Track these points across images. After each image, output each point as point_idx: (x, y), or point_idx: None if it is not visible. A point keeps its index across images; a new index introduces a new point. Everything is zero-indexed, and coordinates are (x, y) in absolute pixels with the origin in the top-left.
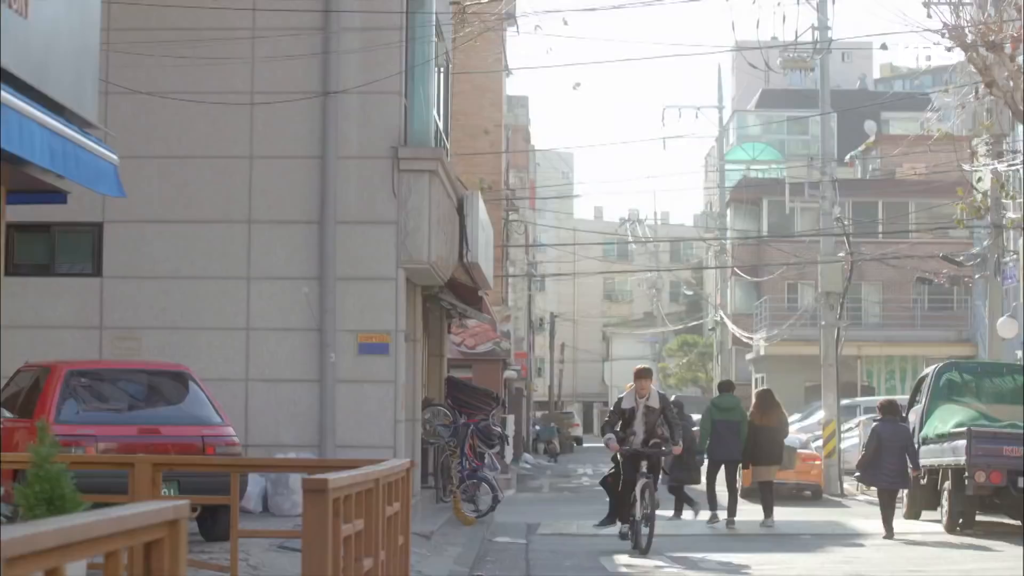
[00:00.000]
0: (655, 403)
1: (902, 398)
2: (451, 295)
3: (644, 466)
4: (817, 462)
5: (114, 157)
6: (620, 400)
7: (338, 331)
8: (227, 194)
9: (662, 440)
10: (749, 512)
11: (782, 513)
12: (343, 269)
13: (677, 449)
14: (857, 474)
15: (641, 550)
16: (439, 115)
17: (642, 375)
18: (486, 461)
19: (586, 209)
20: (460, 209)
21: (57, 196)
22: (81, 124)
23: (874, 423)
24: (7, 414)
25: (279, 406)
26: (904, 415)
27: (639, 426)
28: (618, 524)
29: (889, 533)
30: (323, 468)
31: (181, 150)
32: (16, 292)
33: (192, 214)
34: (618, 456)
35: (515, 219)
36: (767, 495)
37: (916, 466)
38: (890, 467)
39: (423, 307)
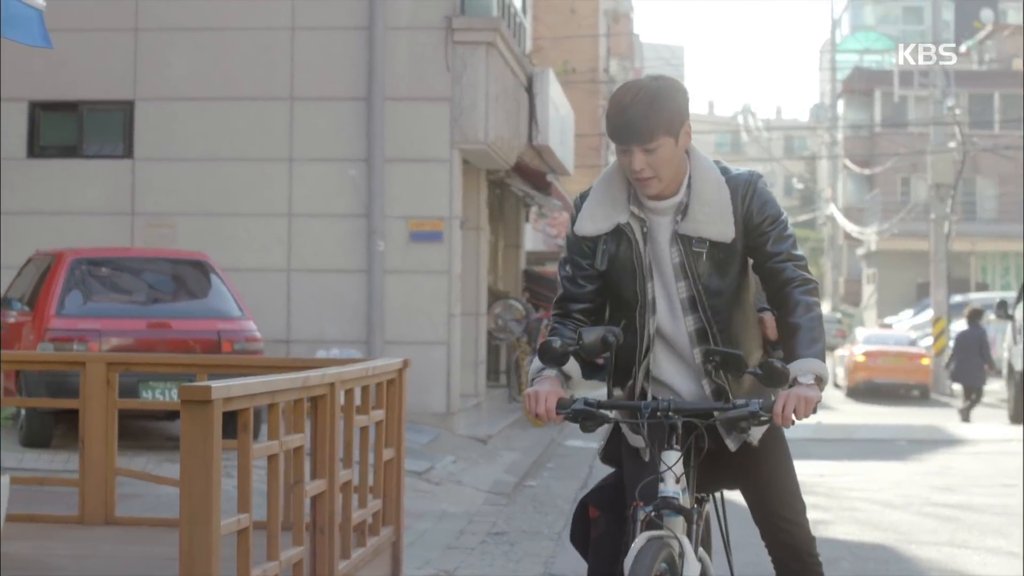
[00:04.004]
0: (719, 228)
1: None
2: (520, 180)
3: (672, 470)
4: (925, 361)
5: (39, 1)
6: (576, 216)
7: (387, 217)
8: (267, 69)
9: (770, 373)
10: (854, 414)
11: (884, 414)
12: (392, 150)
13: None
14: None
15: None
16: None
17: (634, 98)
18: None
19: (698, 104)
20: (529, 88)
21: None
22: None
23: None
24: (19, 306)
25: (323, 298)
26: (1009, 312)
27: (667, 317)
28: None
29: (963, 418)
30: (295, 368)
31: (216, 21)
32: (42, 176)
33: (230, 91)
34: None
35: None
36: None
37: (990, 364)
38: (965, 367)
39: (491, 193)
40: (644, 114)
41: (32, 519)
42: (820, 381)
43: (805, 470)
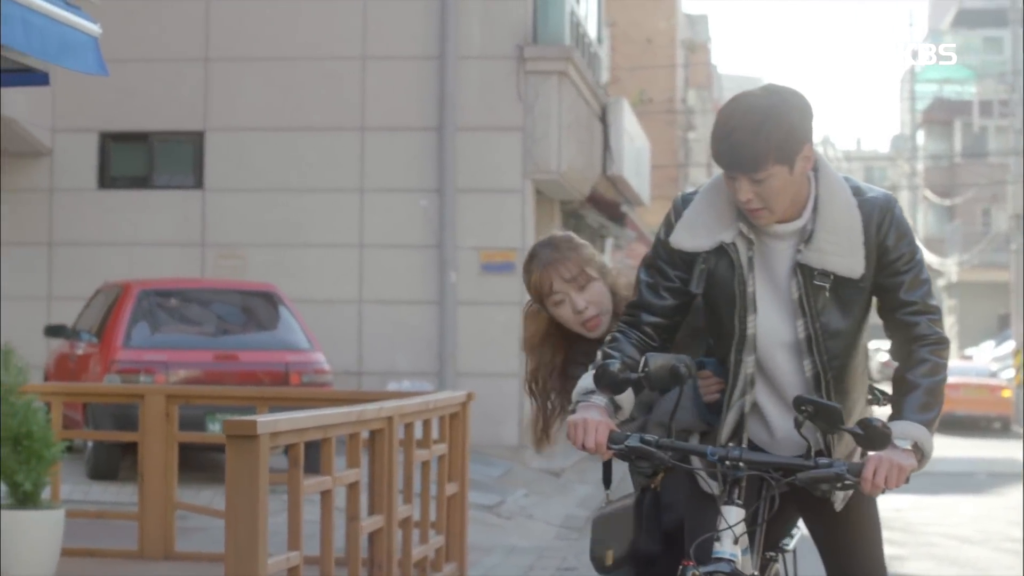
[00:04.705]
0: (847, 262)
1: None
2: (595, 211)
3: (733, 529)
4: (1006, 393)
5: (94, 28)
6: (674, 222)
7: (459, 248)
8: (338, 99)
9: (870, 433)
10: (933, 446)
11: (965, 447)
12: (464, 180)
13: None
14: None
15: None
16: (586, 17)
17: (741, 120)
18: None
19: None
20: (603, 118)
21: (35, 76)
22: None
23: None
24: (87, 337)
25: (395, 330)
26: None
27: (784, 359)
28: None
29: None
30: (355, 401)
31: (287, 51)
32: (113, 207)
33: (301, 121)
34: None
35: (694, 138)
36: None
37: None
38: None
39: (565, 224)
40: (751, 140)
41: (91, 553)
42: (918, 450)
43: (882, 504)
